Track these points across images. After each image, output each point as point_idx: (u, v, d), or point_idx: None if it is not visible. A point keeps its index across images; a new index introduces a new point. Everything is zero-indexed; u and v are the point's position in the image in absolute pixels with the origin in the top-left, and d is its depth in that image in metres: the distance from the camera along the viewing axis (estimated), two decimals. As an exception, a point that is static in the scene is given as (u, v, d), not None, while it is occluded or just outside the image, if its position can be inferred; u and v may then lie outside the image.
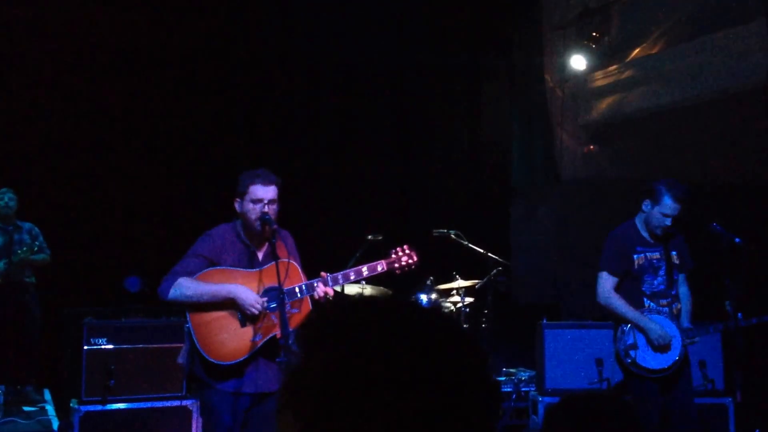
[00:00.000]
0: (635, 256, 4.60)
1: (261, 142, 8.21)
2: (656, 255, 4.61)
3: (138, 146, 8.28)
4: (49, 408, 6.30)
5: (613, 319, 4.75)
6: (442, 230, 6.22)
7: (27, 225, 7.05)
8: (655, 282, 4.61)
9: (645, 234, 4.64)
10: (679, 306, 4.66)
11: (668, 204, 4.45)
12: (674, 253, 4.64)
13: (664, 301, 4.61)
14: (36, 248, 6.91)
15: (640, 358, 4.53)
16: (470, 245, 6.22)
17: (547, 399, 5.83)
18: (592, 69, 8.21)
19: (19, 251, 6.78)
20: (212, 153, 8.28)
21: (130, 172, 8.24)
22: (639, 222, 4.66)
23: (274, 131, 8.49)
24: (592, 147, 8.50)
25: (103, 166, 8.16)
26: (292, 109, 8.56)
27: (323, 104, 8.64)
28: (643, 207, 4.58)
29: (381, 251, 4.18)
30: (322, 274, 3.83)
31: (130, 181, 8.22)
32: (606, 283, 4.64)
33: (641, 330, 4.52)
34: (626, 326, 4.60)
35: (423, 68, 8.79)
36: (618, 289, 4.63)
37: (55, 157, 7.93)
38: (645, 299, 4.61)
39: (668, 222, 4.48)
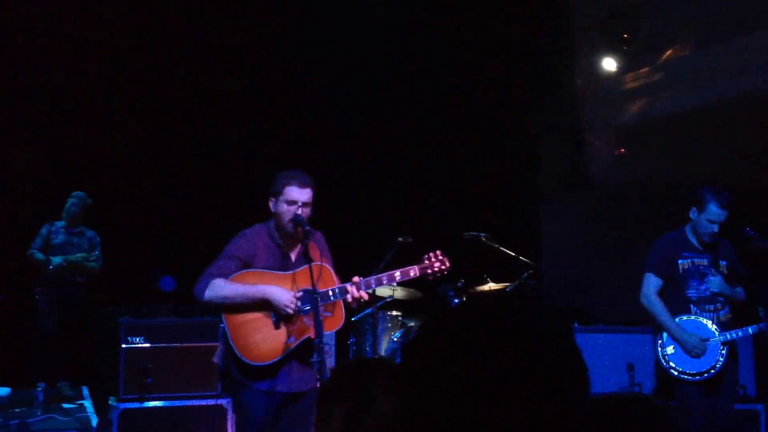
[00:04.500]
0: (680, 261, 4.66)
1: (293, 144, 8.30)
2: (704, 262, 4.67)
3: (174, 146, 8.43)
4: (88, 405, 6.42)
5: (653, 323, 4.80)
6: (472, 233, 6.23)
7: (90, 233, 7.37)
8: (702, 288, 4.66)
9: (693, 241, 4.71)
10: (728, 314, 4.69)
11: (714, 211, 4.52)
12: (724, 263, 4.70)
13: (710, 307, 4.65)
14: (93, 258, 7.21)
15: (679, 363, 4.59)
16: (501, 248, 6.22)
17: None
18: (622, 71, 8.16)
19: (78, 254, 7.10)
20: (246, 154, 8.39)
21: (166, 172, 8.39)
22: (688, 229, 4.74)
23: (307, 133, 8.57)
24: (622, 150, 8.45)
25: (139, 166, 8.33)
26: (325, 111, 8.64)
27: (355, 107, 8.70)
28: (690, 215, 4.66)
29: (411, 253, 4.21)
30: (355, 278, 3.86)
31: (165, 181, 8.37)
32: (650, 284, 4.73)
33: (674, 338, 4.58)
34: (665, 332, 4.66)
35: (452, 71, 8.81)
36: (663, 293, 4.68)
37: (91, 159, 8.11)
38: (691, 305, 4.66)
39: (715, 228, 4.56)
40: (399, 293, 6.32)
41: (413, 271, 3.98)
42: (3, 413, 6.03)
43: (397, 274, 3.94)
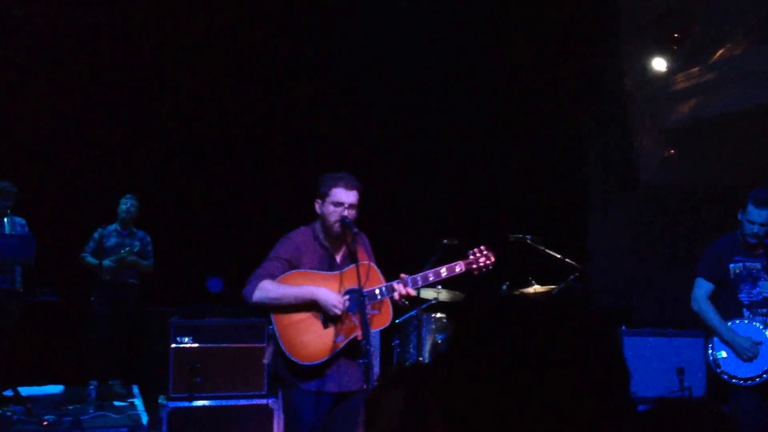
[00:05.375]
0: (731, 266, 4.58)
1: (339, 146, 8.35)
2: (757, 265, 4.59)
3: (220, 149, 8.55)
4: (138, 403, 6.55)
5: (704, 327, 4.74)
6: (517, 235, 6.18)
7: (141, 233, 7.59)
8: (754, 291, 4.58)
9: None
10: None
11: (751, 210, 4.47)
12: None
13: (763, 311, 4.57)
14: (136, 249, 7.38)
15: (730, 368, 4.51)
16: (546, 250, 6.16)
17: (626, 407, 5.73)
18: (673, 71, 8.02)
19: (122, 251, 7.27)
20: (292, 156, 8.48)
21: (212, 175, 8.52)
22: (740, 233, 4.66)
23: (352, 135, 8.62)
24: (672, 151, 8.30)
25: (187, 168, 8.46)
26: (371, 113, 8.67)
27: (401, 109, 8.72)
28: (739, 216, 4.59)
29: (456, 256, 4.20)
30: (402, 275, 3.89)
31: (213, 184, 8.50)
32: (700, 288, 4.67)
33: (726, 343, 4.51)
34: (717, 336, 4.59)
35: (499, 72, 8.76)
36: (715, 297, 4.62)
37: (140, 161, 8.27)
38: (744, 309, 4.58)
39: (755, 229, 4.48)
40: (443, 295, 6.31)
41: (459, 267, 3.99)
42: (57, 410, 6.18)
43: (443, 270, 3.94)
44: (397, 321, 6.04)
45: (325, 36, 8.67)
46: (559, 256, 6.15)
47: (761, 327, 4.54)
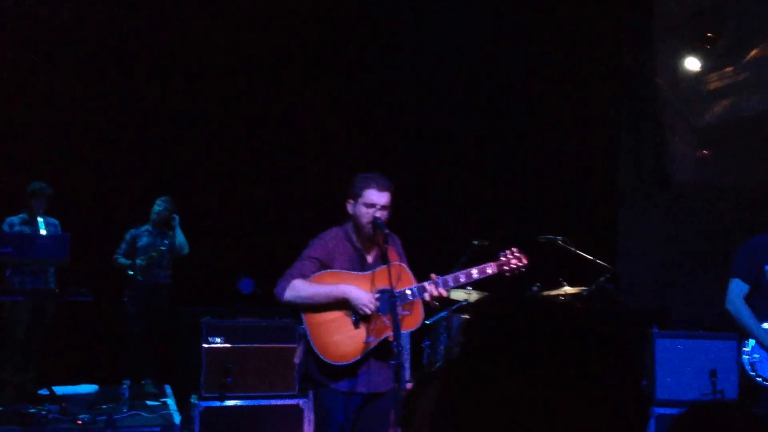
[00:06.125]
0: (767, 266, 4.50)
1: (371, 147, 8.37)
2: None
3: (252, 150, 8.62)
4: (171, 402, 6.61)
5: (738, 330, 4.67)
6: (548, 236, 6.14)
7: (171, 233, 7.61)
8: None
9: None
10: None
11: None
12: None
13: None
14: (163, 248, 7.47)
15: (764, 370, 4.44)
16: (577, 251, 6.11)
17: (659, 410, 5.67)
18: (706, 71, 7.93)
19: (153, 252, 7.35)
20: (325, 157, 8.52)
21: (244, 177, 8.59)
22: None
23: (384, 136, 8.64)
24: (705, 152, 8.20)
25: (220, 170, 8.54)
26: (402, 114, 8.69)
27: (432, 110, 8.72)
28: None
29: (487, 256, 4.18)
30: (432, 276, 3.87)
31: (246, 185, 8.57)
32: (735, 289, 4.59)
33: (761, 345, 4.44)
34: (751, 338, 4.53)
35: (531, 72, 8.72)
36: (750, 298, 4.55)
37: (174, 164, 8.36)
38: None
39: None
40: (474, 297, 6.30)
41: (490, 269, 3.96)
42: (91, 409, 6.26)
43: (474, 271, 3.92)
44: (427, 322, 6.03)
45: (358, 40, 8.70)
46: (590, 257, 6.10)
47: None
